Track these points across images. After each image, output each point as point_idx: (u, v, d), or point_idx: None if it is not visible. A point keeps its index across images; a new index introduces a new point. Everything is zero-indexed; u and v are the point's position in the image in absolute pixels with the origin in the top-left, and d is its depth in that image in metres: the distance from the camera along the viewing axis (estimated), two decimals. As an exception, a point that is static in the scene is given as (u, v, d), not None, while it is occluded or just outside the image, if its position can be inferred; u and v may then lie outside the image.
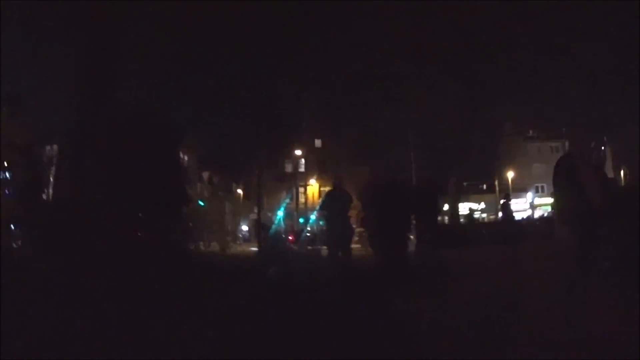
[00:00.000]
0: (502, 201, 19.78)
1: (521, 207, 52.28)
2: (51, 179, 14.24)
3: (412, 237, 11.65)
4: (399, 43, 24.67)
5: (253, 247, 29.07)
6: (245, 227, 53.57)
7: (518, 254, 15.05)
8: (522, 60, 26.34)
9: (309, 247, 24.02)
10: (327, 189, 20.47)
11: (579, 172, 6.08)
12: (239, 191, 55.99)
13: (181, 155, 19.83)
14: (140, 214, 12.40)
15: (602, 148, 28.24)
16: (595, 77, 24.72)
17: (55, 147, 14.71)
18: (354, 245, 12.78)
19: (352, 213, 11.74)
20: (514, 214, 17.82)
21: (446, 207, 34.75)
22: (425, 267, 10.09)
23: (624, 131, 28.76)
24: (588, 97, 26.07)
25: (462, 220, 38.43)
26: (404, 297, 7.61)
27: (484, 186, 64.51)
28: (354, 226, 12.26)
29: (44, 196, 13.98)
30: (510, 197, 18.18)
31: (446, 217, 35.39)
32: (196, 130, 43.11)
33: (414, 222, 11.17)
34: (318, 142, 52.02)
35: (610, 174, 13.96)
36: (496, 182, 61.66)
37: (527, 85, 28.61)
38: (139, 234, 12.69)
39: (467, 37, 24.76)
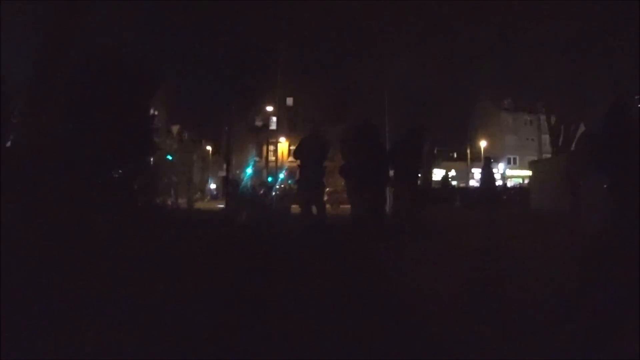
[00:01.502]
0: (483, 165, 19.25)
1: (493, 177, 52.37)
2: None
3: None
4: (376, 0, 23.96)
5: (221, 204, 28.50)
6: (213, 185, 52.89)
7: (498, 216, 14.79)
8: (505, 27, 25.64)
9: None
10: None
11: None
12: (208, 147, 55.09)
13: (151, 106, 19.08)
14: (103, 161, 11.75)
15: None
16: (574, 51, 24.25)
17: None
18: None
19: (328, 165, 10.87)
20: (495, 178, 17.38)
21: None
22: (408, 226, 9.50)
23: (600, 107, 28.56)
24: (567, 72, 25.52)
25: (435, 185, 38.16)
26: (390, 255, 7.08)
27: (455, 154, 64.61)
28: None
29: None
30: (492, 161, 17.68)
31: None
32: (167, 84, 42.02)
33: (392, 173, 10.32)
34: (290, 100, 51.23)
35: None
36: (468, 151, 61.77)
37: (507, 54, 27.98)
38: (102, 183, 11.94)
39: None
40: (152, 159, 13.43)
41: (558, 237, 8.97)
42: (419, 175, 10.79)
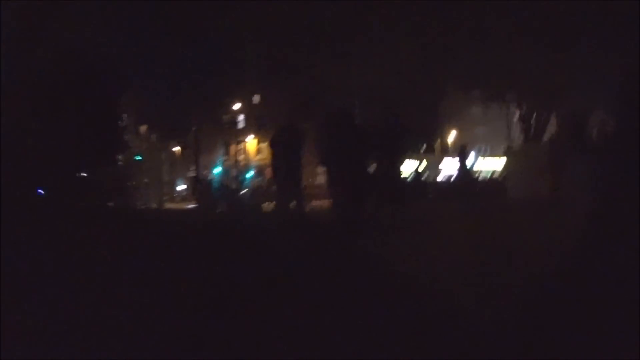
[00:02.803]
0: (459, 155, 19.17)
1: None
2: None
3: None
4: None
5: (192, 204, 28.18)
6: (182, 186, 52.31)
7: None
8: (473, 15, 25.58)
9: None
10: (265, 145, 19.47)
11: None
12: (177, 148, 54.37)
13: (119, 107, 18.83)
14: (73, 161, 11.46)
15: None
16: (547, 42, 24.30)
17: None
18: None
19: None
20: (469, 168, 17.37)
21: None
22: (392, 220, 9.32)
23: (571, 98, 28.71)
24: (538, 62, 25.58)
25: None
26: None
27: (424, 146, 64.58)
28: None
29: None
30: (466, 149, 17.63)
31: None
32: (134, 84, 41.41)
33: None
34: (257, 98, 50.73)
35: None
36: (438, 142, 62.00)
37: (476, 44, 27.98)
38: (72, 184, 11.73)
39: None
40: (121, 160, 13.20)
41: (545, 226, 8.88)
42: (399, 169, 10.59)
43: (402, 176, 11.30)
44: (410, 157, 45.88)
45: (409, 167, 35.43)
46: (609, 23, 21.65)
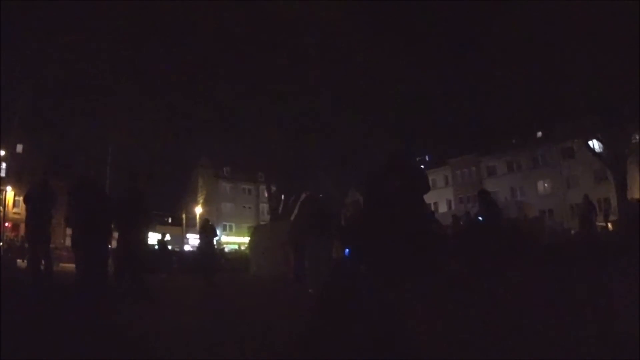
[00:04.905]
0: (200, 231, 19.20)
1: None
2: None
3: None
4: (107, 56, 23.29)
5: None
6: None
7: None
8: (224, 99, 26.50)
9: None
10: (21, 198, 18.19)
11: None
12: None
13: None
14: None
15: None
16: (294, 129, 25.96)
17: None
18: None
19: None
20: (213, 244, 17.44)
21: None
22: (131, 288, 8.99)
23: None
24: (286, 147, 27.21)
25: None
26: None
27: (170, 219, 63.90)
28: None
29: None
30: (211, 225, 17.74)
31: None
32: None
33: None
34: (20, 147, 46.01)
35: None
36: (183, 216, 61.81)
37: (228, 123, 28.96)
38: None
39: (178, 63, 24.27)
40: None
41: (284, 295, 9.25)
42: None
43: (145, 246, 11.15)
44: (155, 229, 45.17)
45: (153, 238, 34.67)
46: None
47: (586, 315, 4.95)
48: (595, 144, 31.94)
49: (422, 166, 43.57)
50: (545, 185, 54.76)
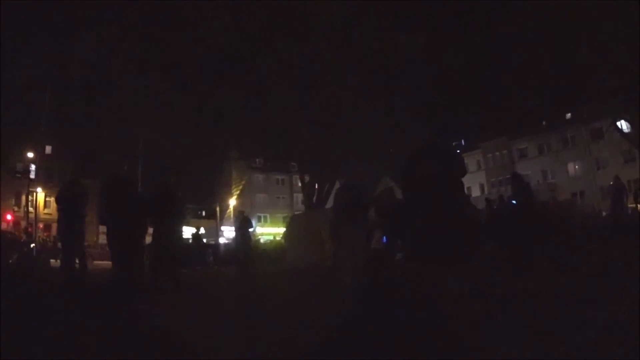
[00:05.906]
0: (237, 223, 19.23)
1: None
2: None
3: None
4: (127, 54, 23.43)
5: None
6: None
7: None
8: (254, 88, 26.40)
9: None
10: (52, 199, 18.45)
11: None
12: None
13: None
14: None
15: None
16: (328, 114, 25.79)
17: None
18: None
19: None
20: (249, 236, 17.47)
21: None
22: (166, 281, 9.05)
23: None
24: (320, 134, 27.02)
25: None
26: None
27: (203, 212, 64.30)
28: None
29: None
30: (246, 215, 17.75)
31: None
32: None
33: None
34: (49, 149, 46.75)
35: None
36: (217, 208, 62.02)
37: (257, 113, 28.85)
38: None
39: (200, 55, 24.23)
40: None
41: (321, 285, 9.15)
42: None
43: (179, 240, 11.18)
44: (189, 223, 45.64)
45: (187, 232, 35.02)
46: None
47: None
48: (623, 124, 31.54)
49: (458, 151, 43.10)
50: (576, 167, 54.33)
